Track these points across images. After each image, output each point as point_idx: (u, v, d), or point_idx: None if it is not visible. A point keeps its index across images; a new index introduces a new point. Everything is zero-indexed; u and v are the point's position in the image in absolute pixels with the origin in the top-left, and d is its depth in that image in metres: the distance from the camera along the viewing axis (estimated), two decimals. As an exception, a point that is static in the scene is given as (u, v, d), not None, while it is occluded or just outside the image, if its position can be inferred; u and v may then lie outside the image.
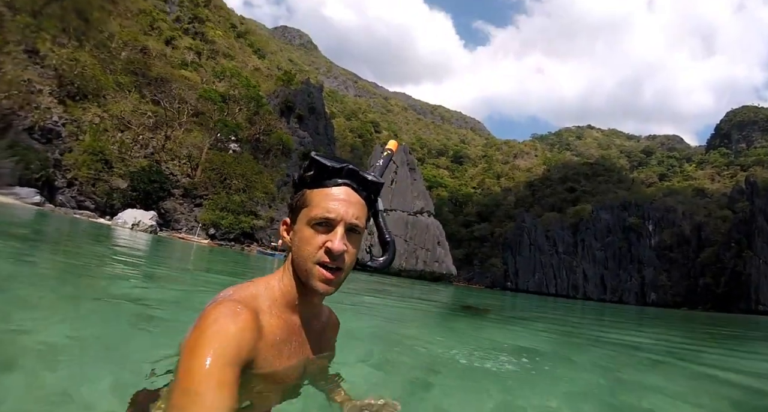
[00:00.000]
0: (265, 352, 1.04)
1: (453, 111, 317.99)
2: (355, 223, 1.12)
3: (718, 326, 15.06)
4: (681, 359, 4.57)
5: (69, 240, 9.89)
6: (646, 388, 2.49)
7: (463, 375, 2.36)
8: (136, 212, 36.80)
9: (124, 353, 2.01)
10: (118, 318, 2.66)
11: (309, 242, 1.11)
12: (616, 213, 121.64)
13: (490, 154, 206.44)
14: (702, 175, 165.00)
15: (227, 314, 0.95)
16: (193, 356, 0.87)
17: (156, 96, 53.49)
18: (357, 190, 1.16)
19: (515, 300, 23.55)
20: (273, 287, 1.17)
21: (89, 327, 2.30)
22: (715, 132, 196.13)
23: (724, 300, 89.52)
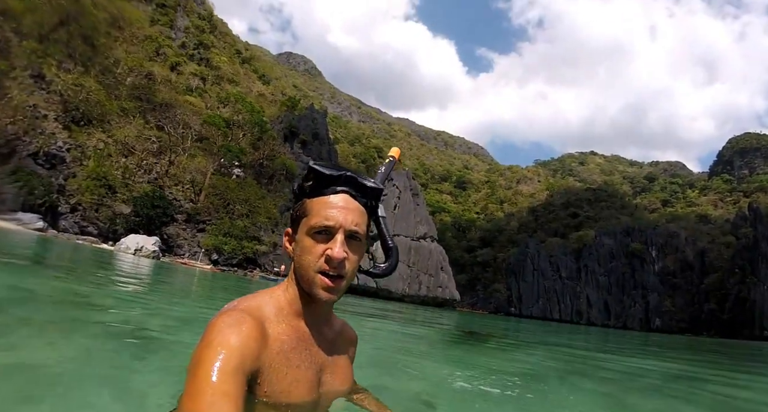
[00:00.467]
0: (271, 360, 1.03)
1: (456, 136, 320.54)
2: (354, 229, 1.12)
3: (721, 353, 14.77)
4: (685, 384, 4.59)
5: (71, 266, 9.90)
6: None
7: (461, 402, 2.32)
8: (138, 238, 36.86)
9: (124, 379, 2.01)
10: (119, 345, 2.66)
11: (309, 251, 1.11)
12: (619, 239, 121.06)
13: (493, 180, 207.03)
14: (705, 201, 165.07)
15: (231, 323, 0.95)
16: (198, 367, 0.87)
17: (160, 121, 54.03)
18: (356, 197, 1.16)
19: (519, 325, 23.22)
20: (278, 297, 1.18)
21: (89, 353, 2.30)
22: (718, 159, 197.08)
23: (729, 326, 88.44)
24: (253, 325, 0.99)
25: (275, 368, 1.04)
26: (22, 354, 2.10)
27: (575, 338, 15.63)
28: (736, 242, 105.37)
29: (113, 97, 50.69)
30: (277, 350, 1.06)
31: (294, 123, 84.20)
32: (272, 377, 1.03)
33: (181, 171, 52.94)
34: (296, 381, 1.08)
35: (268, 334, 1.05)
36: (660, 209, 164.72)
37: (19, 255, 9.60)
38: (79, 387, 1.76)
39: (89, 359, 2.15)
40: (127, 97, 53.53)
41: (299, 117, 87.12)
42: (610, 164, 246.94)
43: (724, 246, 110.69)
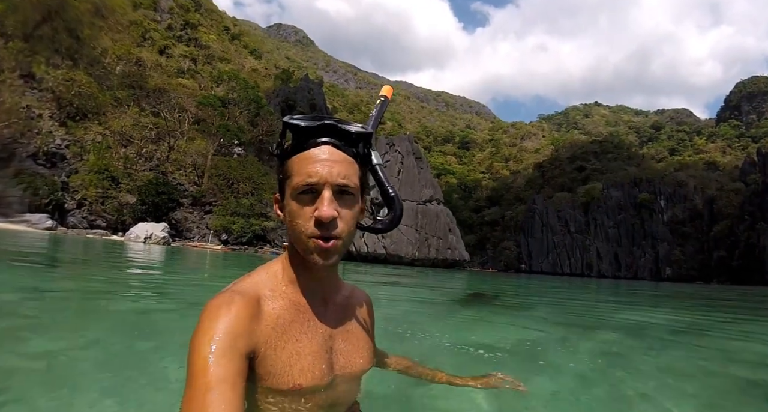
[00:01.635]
0: (267, 337, 0.99)
1: (457, 96, 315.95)
2: (342, 183, 1.01)
3: (730, 301, 14.72)
4: (691, 338, 4.48)
5: (83, 261, 9.99)
6: (651, 374, 2.43)
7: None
8: (147, 226, 37.21)
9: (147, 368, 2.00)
10: (137, 335, 2.67)
11: (297, 215, 1.01)
12: (627, 190, 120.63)
13: (497, 138, 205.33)
14: (713, 148, 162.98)
15: (219, 305, 0.94)
16: (192, 354, 0.87)
17: (155, 107, 53.67)
18: (341, 147, 1.03)
19: (528, 283, 23.12)
20: (276, 271, 1.12)
21: (108, 345, 2.31)
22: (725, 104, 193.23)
23: (739, 273, 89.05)
24: (243, 304, 0.96)
25: (272, 344, 1.00)
26: (38, 352, 2.13)
27: (584, 292, 15.47)
28: (745, 188, 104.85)
29: (105, 88, 50.22)
30: (273, 325, 1.01)
31: (290, 96, 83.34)
32: (270, 353, 0.99)
33: (182, 155, 52.88)
34: (296, 354, 1.03)
35: (263, 310, 1.01)
36: (667, 158, 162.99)
37: (33, 256, 9.68)
38: (106, 381, 1.77)
39: (103, 353, 2.16)
40: (119, 86, 52.98)
41: (295, 89, 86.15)
42: (615, 115, 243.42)
43: (733, 193, 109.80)
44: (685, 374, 2.53)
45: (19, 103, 39.81)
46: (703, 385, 2.34)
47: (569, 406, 1.76)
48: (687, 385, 2.28)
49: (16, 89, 40.60)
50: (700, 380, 2.42)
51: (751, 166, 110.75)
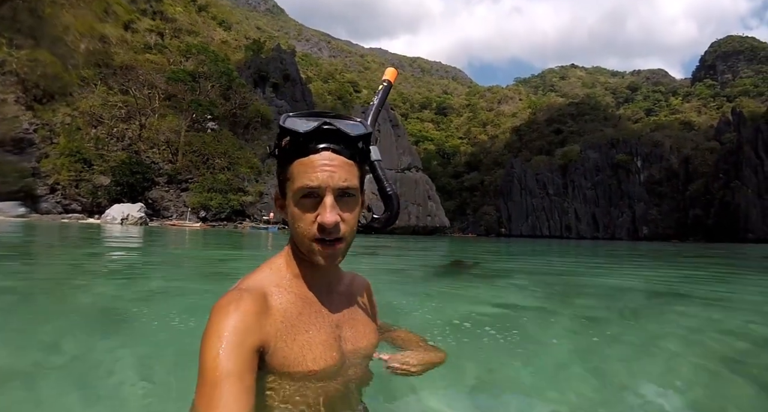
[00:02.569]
0: (276, 331, 1.01)
1: (432, 62, 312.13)
2: (344, 186, 1.02)
3: (706, 258, 15.05)
4: (667, 302, 4.41)
5: (59, 247, 9.71)
6: (634, 347, 2.34)
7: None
8: (123, 207, 36.63)
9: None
10: (124, 325, 2.56)
11: (300, 219, 1.04)
12: (605, 151, 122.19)
13: (474, 103, 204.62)
14: (688, 108, 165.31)
15: (227, 304, 0.96)
16: (203, 350, 0.89)
17: (123, 85, 51.83)
18: (341, 151, 1.04)
19: (507, 248, 23.21)
20: (280, 267, 1.14)
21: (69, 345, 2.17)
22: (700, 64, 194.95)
23: (715, 231, 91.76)
24: (251, 300, 0.98)
25: (282, 338, 1.02)
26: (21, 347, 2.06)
27: (563, 255, 15.62)
28: (720, 147, 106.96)
29: (70, 68, 48.25)
30: (281, 319, 1.03)
31: (262, 67, 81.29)
32: (281, 347, 1.02)
33: (154, 133, 51.57)
34: (308, 345, 1.06)
35: (270, 305, 1.03)
36: (644, 119, 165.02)
37: (16, 245, 9.42)
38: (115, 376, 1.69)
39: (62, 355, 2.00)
40: (85, 65, 50.92)
41: (267, 60, 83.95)
42: (592, 76, 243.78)
43: (708, 152, 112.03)
44: (669, 346, 2.43)
45: (-19, 90, 38.28)
46: (686, 355, 2.26)
47: (548, 384, 1.68)
48: (671, 359, 2.19)
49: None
50: (683, 351, 2.34)
51: (726, 126, 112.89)
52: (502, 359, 1.90)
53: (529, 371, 1.79)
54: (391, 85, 1.44)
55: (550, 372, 1.81)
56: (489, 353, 1.98)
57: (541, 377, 1.75)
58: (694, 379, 1.83)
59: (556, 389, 1.63)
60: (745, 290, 5.84)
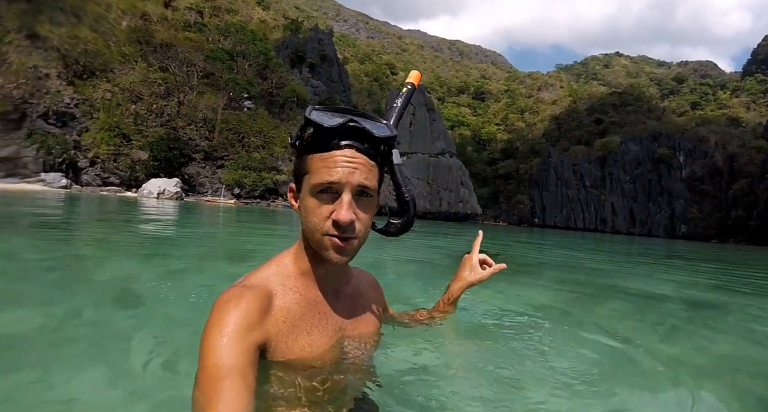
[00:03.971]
0: (278, 329, 1.01)
1: (471, 45, 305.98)
2: (363, 184, 1.01)
3: (749, 266, 14.05)
4: (708, 314, 4.06)
5: (100, 218, 10.07)
6: (663, 362, 2.15)
7: (448, 347, 2.04)
8: (159, 181, 37.56)
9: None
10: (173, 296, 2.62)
11: (314, 213, 1.02)
12: (646, 144, 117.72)
13: (512, 89, 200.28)
14: (737, 103, 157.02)
15: (229, 300, 0.95)
16: (203, 345, 0.88)
17: (163, 62, 52.68)
18: (363, 150, 1.02)
19: (540, 239, 22.57)
20: (286, 264, 1.12)
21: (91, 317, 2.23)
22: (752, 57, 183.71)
23: (758, 233, 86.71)
24: (253, 298, 0.97)
25: (282, 338, 1.01)
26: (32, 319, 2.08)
27: (594, 252, 15.00)
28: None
29: (112, 45, 49.36)
30: (283, 318, 1.03)
31: (300, 47, 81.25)
32: (281, 346, 1.01)
33: (192, 110, 52.43)
34: (308, 346, 1.06)
35: (274, 304, 1.02)
36: (689, 112, 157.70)
37: (51, 215, 9.73)
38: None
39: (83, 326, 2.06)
40: (126, 42, 51.86)
41: (304, 40, 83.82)
42: (637, 66, 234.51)
43: (755, 150, 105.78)
44: (700, 366, 2.23)
45: (26, 64, 39.49)
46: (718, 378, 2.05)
47: (564, 396, 1.52)
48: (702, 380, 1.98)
49: (23, 50, 40.22)
50: (715, 373, 2.14)
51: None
52: (514, 366, 1.71)
53: (540, 386, 1.60)
54: (415, 88, 1.40)
55: (563, 392, 1.60)
56: (502, 359, 1.79)
57: (554, 395, 1.55)
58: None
59: (566, 407, 1.46)
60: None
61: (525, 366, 1.70)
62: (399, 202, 1.27)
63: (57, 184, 32.28)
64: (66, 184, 33.34)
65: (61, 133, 39.62)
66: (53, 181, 32.39)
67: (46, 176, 32.89)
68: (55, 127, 39.72)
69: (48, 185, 31.21)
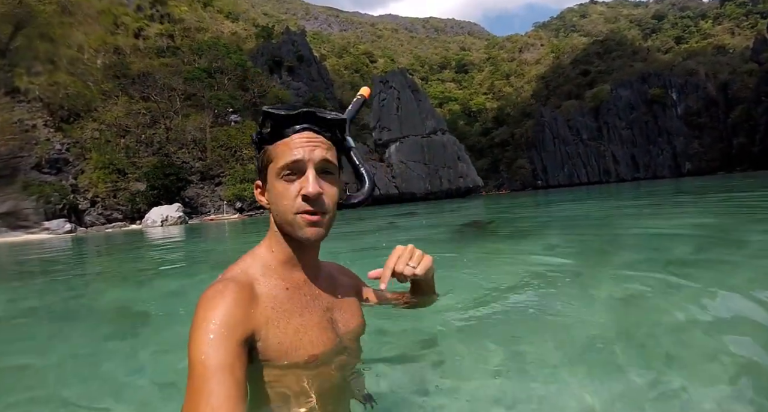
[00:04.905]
0: (267, 317, 1.02)
1: (446, 19, 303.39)
2: (326, 158, 1.07)
3: (757, 190, 13.44)
4: (722, 245, 3.70)
5: (105, 256, 10.03)
6: (675, 317, 1.85)
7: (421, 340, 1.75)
8: (161, 209, 37.75)
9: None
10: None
11: (283, 195, 1.06)
12: (636, 87, 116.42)
13: (494, 56, 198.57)
14: (720, 30, 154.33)
15: (213, 295, 0.96)
16: (191, 344, 0.89)
17: (144, 92, 52.97)
18: (319, 132, 1.10)
19: (541, 200, 22.10)
20: (262, 254, 1.14)
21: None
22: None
23: (761, 158, 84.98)
24: (236, 289, 0.98)
25: (273, 323, 1.02)
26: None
27: (598, 203, 14.61)
28: (759, 68, 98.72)
29: (91, 84, 49.55)
30: (271, 306, 1.04)
31: (275, 52, 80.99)
32: (274, 332, 1.02)
33: (181, 134, 52.63)
34: (303, 327, 1.07)
35: (258, 294, 1.03)
36: (674, 48, 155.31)
37: (51, 263, 9.74)
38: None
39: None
40: (104, 79, 52.14)
41: (278, 45, 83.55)
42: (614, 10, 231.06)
43: (747, 75, 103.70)
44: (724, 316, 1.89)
45: (10, 120, 39.94)
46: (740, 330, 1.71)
47: (579, 370, 1.40)
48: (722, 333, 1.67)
49: (5, 106, 40.72)
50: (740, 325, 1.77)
51: (763, 45, 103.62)
52: (526, 337, 1.66)
53: (558, 354, 1.54)
54: (365, 98, 1.48)
55: (581, 355, 1.53)
56: (511, 330, 1.73)
57: (572, 361, 1.48)
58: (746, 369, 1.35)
59: (588, 375, 1.37)
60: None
61: (530, 341, 1.63)
62: (356, 176, 1.32)
63: (61, 230, 32.51)
64: (70, 229, 33.58)
65: (57, 179, 39.95)
66: (57, 228, 32.62)
67: (50, 224, 33.11)
68: (50, 174, 40.06)
69: (53, 233, 31.45)
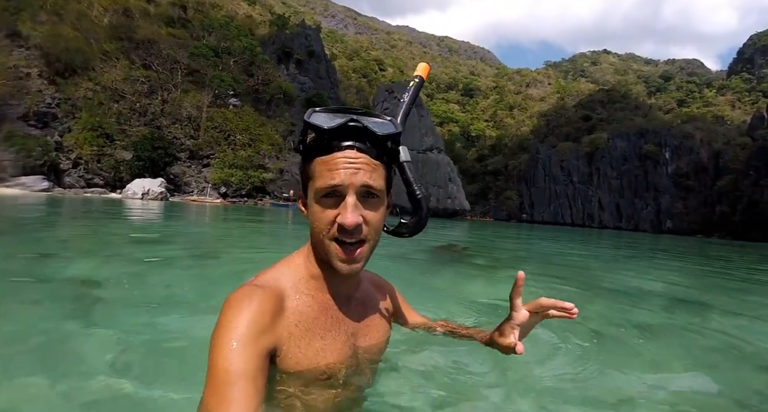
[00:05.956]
0: (290, 333, 0.98)
1: (460, 41, 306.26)
2: (368, 184, 0.97)
3: (730, 260, 13.86)
4: (690, 313, 3.85)
5: (82, 221, 9.59)
6: (637, 370, 2.00)
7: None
8: (144, 182, 36.93)
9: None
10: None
11: (319, 219, 0.99)
12: (633, 141, 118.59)
13: (501, 85, 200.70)
14: (722, 101, 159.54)
15: (241, 299, 0.92)
16: (213, 348, 0.86)
17: (146, 60, 51.75)
18: (365, 150, 0.98)
19: (521, 233, 22.43)
20: (298, 265, 1.08)
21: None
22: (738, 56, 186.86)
23: (741, 228, 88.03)
24: (265, 298, 0.95)
25: (295, 341, 0.99)
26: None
27: (582, 247, 14.76)
28: (752, 143, 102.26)
29: (93, 42, 48.08)
30: (296, 321, 1.00)
31: (286, 43, 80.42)
32: (294, 350, 0.98)
33: (176, 108, 51.65)
34: (322, 351, 1.03)
35: (286, 306, 1.00)
36: (675, 110, 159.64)
37: (27, 220, 9.28)
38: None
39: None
40: (107, 38, 50.52)
41: (291, 36, 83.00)
42: (624, 63, 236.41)
43: (740, 148, 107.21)
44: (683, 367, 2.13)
45: (6, 63, 38.55)
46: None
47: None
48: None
49: (3, 49, 39.30)
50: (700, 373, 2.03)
51: (760, 121, 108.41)
52: (474, 376, 1.54)
53: (525, 391, 1.50)
54: (423, 81, 1.36)
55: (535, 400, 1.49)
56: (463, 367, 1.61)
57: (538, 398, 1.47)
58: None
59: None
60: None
61: (507, 373, 1.59)
62: (411, 200, 1.24)
63: (37, 187, 31.43)
64: (47, 187, 32.53)
65: (42, 134, 38.62)
66: (33, 185, 31.51)
67: (26, 180, 31.95)
68: (35, 128, 38.73)
69: (27, 189, 30.37)
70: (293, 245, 1.09)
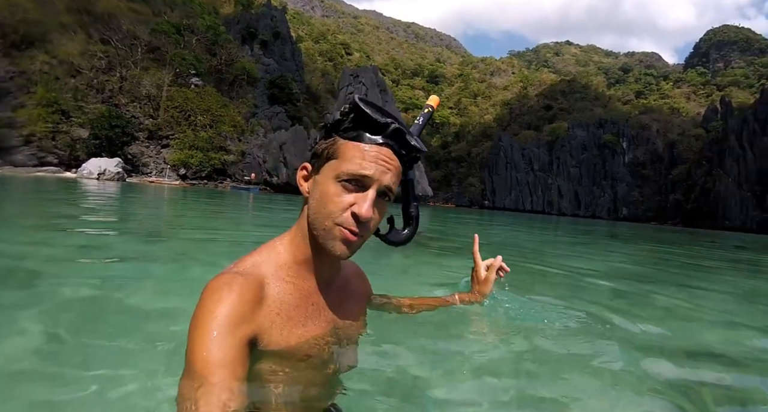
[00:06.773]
0: (272, 321, 0.97)
1: (427, 28, 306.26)
2: (390, 187, 1.01)
3: (680, 245, 14.53)
4: (634, 289, 4.00)
5: (28, 202, 9.24)
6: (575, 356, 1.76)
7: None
8: (100, 161, 35.79)
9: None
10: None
11: (332, 200, 0.99)
12: (592, 130, 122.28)
13: (466, 73, 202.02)
14: (678, 93, 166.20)
15: (219, 287, 0.91)
16: (192, 336, 0.85)
17: (105, 34, 49.50)
18: (398, 154, 1.03)
19: (484, 219, 22.82)
20: (279, 252, 1.08)
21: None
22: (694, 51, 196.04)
23: (693, 216, 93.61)
24: (245, 286, 0.93)
25: (276, 329, 0.98)
26: None
27: (539, 231, 15.25)
28: (706, 134, 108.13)
29: (51, 13, 45.65)
30: (277, 309, 0.99)
31: (251, 23, 78.69)
32: (276, 338, 0.98)
33: (136, 86, 49.90)
34: (304, 338, 1.03)
35: (266, 294, 0.98)
36: (633, 101, 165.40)
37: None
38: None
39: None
40: (66, 10, 48.09)
41: (257, 16, 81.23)
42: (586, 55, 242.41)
43: (694, 139, 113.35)
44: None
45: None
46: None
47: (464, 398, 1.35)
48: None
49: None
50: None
51: (714, 114, 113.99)
52: (455, 355, 1.58)
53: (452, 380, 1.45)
54: (434, 110, 1.41)
55: (470, 386, 1.44)
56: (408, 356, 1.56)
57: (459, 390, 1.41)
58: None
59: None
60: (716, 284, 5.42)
61: (483, 345, 1.64)
62: (404, 215, 1.27)
63: (-17, 165, 30.07)
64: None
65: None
66: (-20, 163, 30.14)
67: (-29, 157, 30.52)
68: (-15, 102, 36.84)
69: (-27, 166, 29.01)
70: (252, 232, 1.17)
